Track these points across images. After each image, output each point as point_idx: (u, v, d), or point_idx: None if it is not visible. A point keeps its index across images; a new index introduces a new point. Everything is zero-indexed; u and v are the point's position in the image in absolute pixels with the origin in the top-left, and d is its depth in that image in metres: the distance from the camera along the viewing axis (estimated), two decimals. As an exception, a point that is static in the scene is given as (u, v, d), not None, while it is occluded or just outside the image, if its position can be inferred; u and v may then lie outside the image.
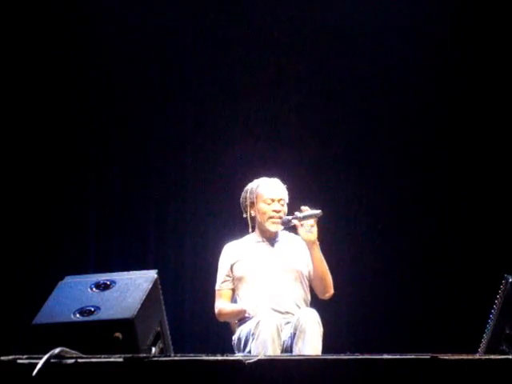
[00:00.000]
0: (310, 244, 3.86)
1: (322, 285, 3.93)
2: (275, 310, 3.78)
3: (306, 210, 3.83)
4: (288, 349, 3.62)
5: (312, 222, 3.82)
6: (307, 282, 3.97)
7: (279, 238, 4.04)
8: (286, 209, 3.98)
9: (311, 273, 3.95)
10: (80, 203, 5.58)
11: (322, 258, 3.89)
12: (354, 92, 5.76)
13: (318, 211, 3.81)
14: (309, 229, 3.82)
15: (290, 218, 3.88)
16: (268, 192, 4.00)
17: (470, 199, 5.60)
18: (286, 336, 3.63)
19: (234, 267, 3.97)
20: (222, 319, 3.96)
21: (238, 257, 3.99)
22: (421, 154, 5.70)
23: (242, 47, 5.74)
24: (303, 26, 5.77)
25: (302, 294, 3.92)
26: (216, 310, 3.94)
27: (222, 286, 3.97)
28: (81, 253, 5.49)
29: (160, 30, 5.72)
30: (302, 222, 3.82)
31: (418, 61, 5.72)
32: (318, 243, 3.86)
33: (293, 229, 3.92)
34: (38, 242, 5.42)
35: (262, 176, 4.13)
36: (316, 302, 4.05)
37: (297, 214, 3.85)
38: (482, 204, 5.56)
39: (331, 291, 3.95)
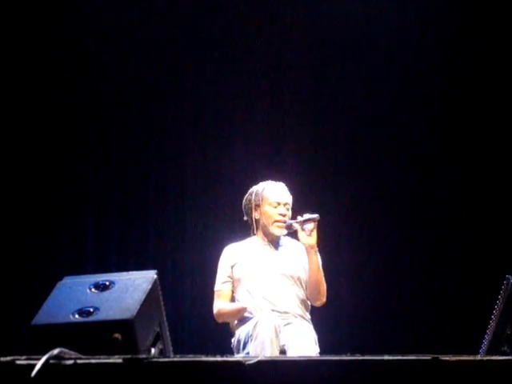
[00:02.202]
0: (308, 248, 3.85)
1: (315, 291, 3.91)
2: (274, 311, 3.77)
3: (306, 215, 3.85)
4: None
5: (312, 226, 3.83)
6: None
7: (281, 243, 4.04)
8: (290, 214, 3.98)
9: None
10: (79, 203, 5.58)
11: (319, 264, 3.89)
12: (357, 95, 5.76)
13: (316, 215, 3.83)
14: (308, 233, 3.83)
15: (292, 221, 3.90)
16: (274, 195, 3.99)
17: (471, 200, 5.59)
18: (284, 339, 3.61)
19: (234, 269, 3.96)
20: (220, 320, 3.94)
21: (238, 258, 3.98)
22: (422, 156, 5.70)
23: (244, 51, 5.74)
24: (305, 30, 5.77)
25: (301, 298, 3.91)
26: (215, 311, 3.92)
27: (221, 286, 3.95)
28: (80, 253, 5.48)
29: (159, 30, 5.72)
30: (304, 226, 3.84)
31: (420, 64, 5.72)
32: (316, 249, 3.86)
33: (294, 234, 3.93)
34: (37, 242, 5.41)
35: (264, 179, 4.13)
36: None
37: (298, 217, 3.87)
38: (482, 205, 5.56)
39: (323, 299, 3.94)
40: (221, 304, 3.92)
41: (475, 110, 5.69)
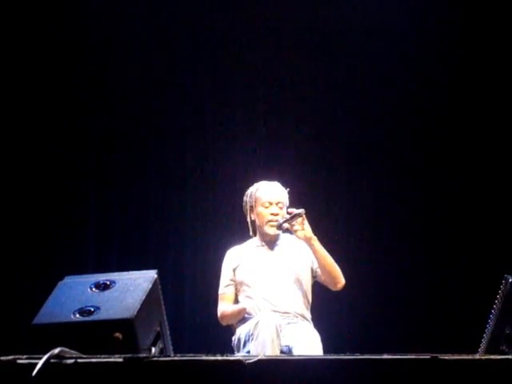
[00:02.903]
0: (308, 240, 3.86)
1: (331, 277, 3.92)
2: (274, 311, 3.79)
3: (292, 212, 3.86)
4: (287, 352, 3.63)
5: (300, 220, 3.83)
6: (308, 285, 3.97)
7: (280, 242, 4.05)
8: (284, 212, 3.97)
9: (318, 271, 3.95)
10: (80, 203, 5.58)
11: (325, 251, 3.89)
12: (357, 94, 5.76)
13: (301, 210, 3.83)
14: (300, 227, 3.83)
15: (281, 221, 3.90)
16: (266, 195, 4.00)
17: (470, 199, 5.60)
18: (285, 339, 3.62)
19: (236, 271, 3.98)
20: (224, 322, 3.96)
21: (239, 261, 4.00)
22: (421, 156, 5.70)
23: (243, 49, 5.74)
24: (304, 28, 5.77)
25: (301, 297, 3.92)
26: (218, 314, 3.95)
27: (224, 290, 3.99)
28: (81, 253, 5.49)
29: (160, 29, 5.73)
30: (293, 223, 3.84)
31: (419, 64, 5.73)
32: (315, 238, 3.86)
33: (289, 231, 3.94)
34: (37, 241, 5.42)
35: (263, 179, 4.13)
36: (316, 302, 4.06)
37: (285, 216, 3.88)
38: (481, 204, 5.56)
39: (342, 281, 3.94)
40: (224, 306, 3.95)
41: (474, 110, 5.69)
